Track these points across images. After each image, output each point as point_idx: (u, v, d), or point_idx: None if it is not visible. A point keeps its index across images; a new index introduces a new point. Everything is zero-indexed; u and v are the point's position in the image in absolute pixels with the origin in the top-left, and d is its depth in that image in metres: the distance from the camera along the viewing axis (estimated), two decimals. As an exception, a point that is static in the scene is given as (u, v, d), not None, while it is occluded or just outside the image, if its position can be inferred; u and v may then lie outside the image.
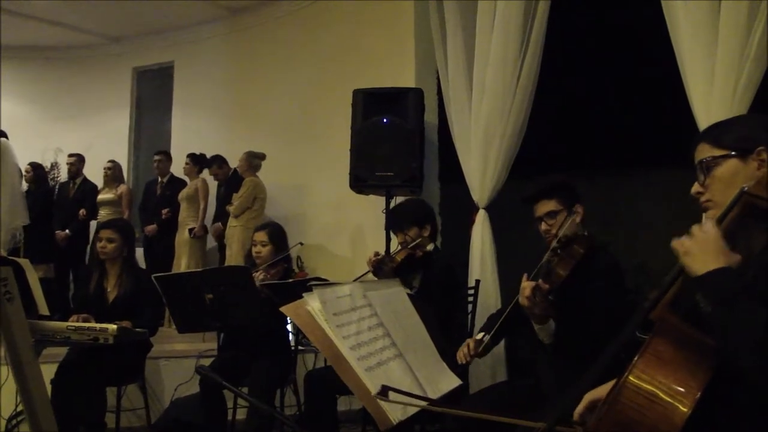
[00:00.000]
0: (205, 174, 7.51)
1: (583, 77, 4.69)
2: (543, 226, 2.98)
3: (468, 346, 2.94)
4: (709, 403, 1.51)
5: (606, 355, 1.68)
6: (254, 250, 4.26)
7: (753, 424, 1.55)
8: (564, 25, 4.60)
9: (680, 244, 1.63)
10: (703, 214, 1.79)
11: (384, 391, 1.78)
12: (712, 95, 3.47)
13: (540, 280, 2.62)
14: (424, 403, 1.88)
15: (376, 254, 3.76)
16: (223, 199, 7.17)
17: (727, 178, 1.73)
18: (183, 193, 7.38)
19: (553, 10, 4.47)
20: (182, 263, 7.10)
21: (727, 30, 3.40)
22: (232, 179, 7.17)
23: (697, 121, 3.52)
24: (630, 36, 4.44)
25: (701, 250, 1.59)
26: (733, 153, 1.73)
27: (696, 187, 1.80)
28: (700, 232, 1.62)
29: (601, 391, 1.74)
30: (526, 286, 2.59)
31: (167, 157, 7.78)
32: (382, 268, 3.67)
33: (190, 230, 7.19)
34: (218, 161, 7.39)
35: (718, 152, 1.76)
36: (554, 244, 2.91)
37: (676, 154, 1.94)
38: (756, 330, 1.44)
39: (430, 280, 3.72)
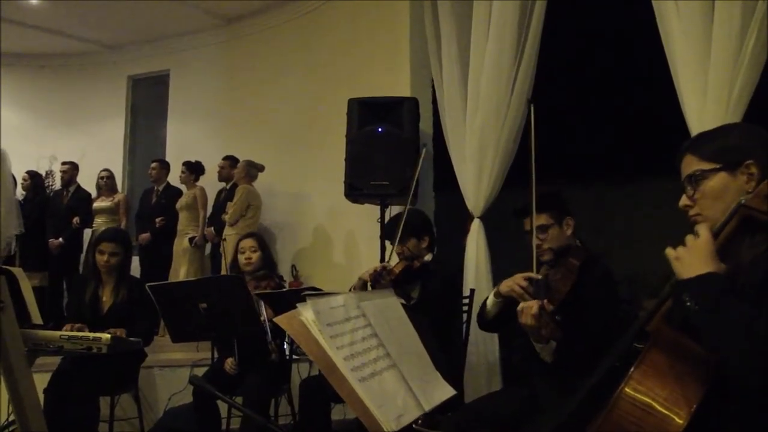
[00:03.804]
0: (203, 182, 7.49)
1: (576, 85, 4.71)
2: (535, 241, 2.96)
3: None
4: (705, 416, 1.51)
5: (603, 367, 1.68)
6: (243, 257, 4.25)
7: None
8: (558, 35, 4.61)
9: (673, 250, 1.64)
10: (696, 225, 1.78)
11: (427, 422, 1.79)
12: (705, 104, 3.48)
13: (545, 300, 2.58)
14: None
15: (375, 269, 3.73)
16: (221, 206, 7.15)
17: (716, 193, 1.72)
18: (181, 202, 7.34)
19: (548, 19, 4.49)
20: (181, 272, 7.05)
21: (720, 38, 3.41)
22: (233, 188, 7.13)
23: (690, 130, 3.52)
24: (623, 45, 4.46)
25: (691, 255, 1.60)
26: (721, 166, 1.73)
27: (684, 200, 1.80)
28: (692, 240, 1.63)
29: None
30: (532, 305, 2.54)
31: (163, 166, 7.77)
32: (380, 281, 3.65)
33: (191, 239, 7.16)
34: (230, 160, 7.34)
35: (705, 165, 1.75)
36: (547, 257, 2.91)
37: (670, 164, 1.93)
38: (742, 326, 1.44)
39: (429, 291, 3.71)
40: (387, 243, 4.30)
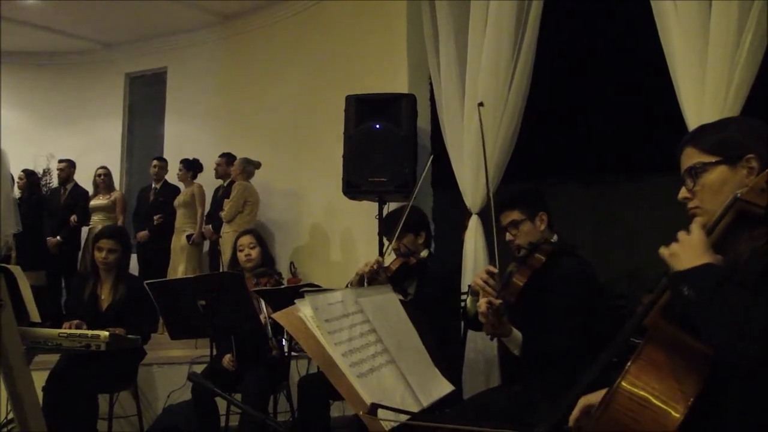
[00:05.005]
0: (201, 179, 7.49)
1: (575, 83, 4.71)
2: (507, 236, 2.96)
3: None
4: (702, 410, 1.51)
5: (600, 361, 1.68)
6: (243, 254, 4.25)
7: (744, 431, 1.55)
8: (556, 32, 4.61)
9: (666, 248, 1.64)
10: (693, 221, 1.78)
11: (373, 409, 1.77)
12: (703, 101, 3.48)
13: (492, 298, 2.58)
14: (406, 417, 1.87)
15: (372, 266, 3.72)
16: (218, 204, 7.15)
17: (716, 186, 1.72)
18: (179, 200, 7.36)
19: (545, 17, 4.49)
20: (179, 269, 7.07)
21: (717, 35, 3.41)
22: (230, 185, 7.13)
23: (689, 127, 3.52)
24: (621, 42, 4.46)
25: (685, 250, 1.60)
26: (722, 159, 1.73)
27: (684, 193, 1.79)
28: (685, 236, 1.63)
29: (596, 396, 1.74)
30: (481, 303, 2.57)
31: (165, 164, 7.79)
32: (376, 278, 3.65)
33: (188, 237, 7.17)
34: (227, 157, 7.35)
35: (706, 158, 1.74)
36: (518, 253, 2.91)
37: (669, 160, 1.93)
38: (740, 314, 1.43)
39: (426, 287, 3.71)
40: (384, 239, 4.30)
